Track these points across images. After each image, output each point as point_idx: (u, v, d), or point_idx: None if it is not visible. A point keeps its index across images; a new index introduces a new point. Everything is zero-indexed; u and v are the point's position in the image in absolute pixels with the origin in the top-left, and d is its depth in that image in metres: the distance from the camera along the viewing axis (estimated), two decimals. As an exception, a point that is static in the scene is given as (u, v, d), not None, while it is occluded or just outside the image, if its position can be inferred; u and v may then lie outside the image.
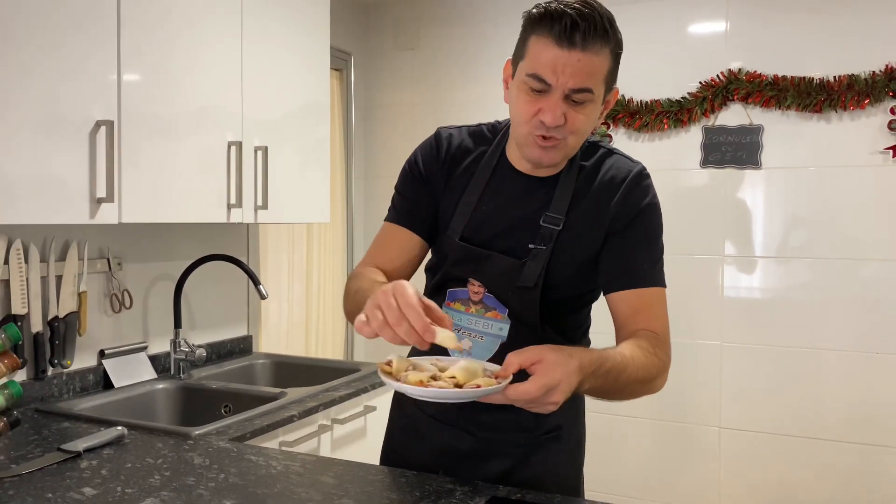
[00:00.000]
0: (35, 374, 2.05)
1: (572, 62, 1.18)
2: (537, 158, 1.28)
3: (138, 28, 1.90)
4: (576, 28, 1.16)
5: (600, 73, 1.21)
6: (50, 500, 1.33)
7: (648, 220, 1.37)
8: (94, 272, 2.22)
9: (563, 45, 1.17)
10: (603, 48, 1.20)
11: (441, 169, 1.43)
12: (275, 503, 1.31)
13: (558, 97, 1.20)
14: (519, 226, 1.35)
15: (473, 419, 1.42)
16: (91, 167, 1.79)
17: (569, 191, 1.34)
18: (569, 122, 1.22)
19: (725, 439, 2.99)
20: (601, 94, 1.24)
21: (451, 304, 1.42)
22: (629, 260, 1.35)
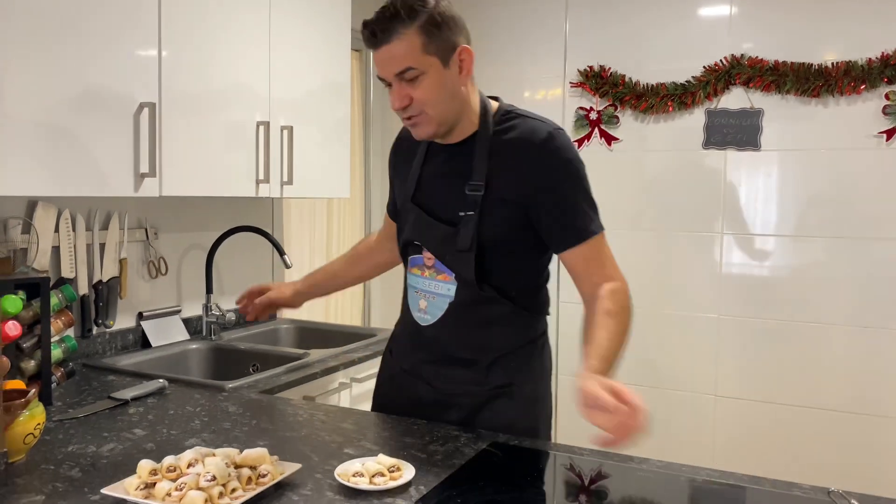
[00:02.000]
0: (82, 333, 2.24)
1: (383, 56, 1.42)
2: (416, 136, 1.51)
3: (178, 13, 2.06)
4: (373, 32, 1.40)
5: (413, 51, 1.39)
6: (106, 438, 1.52)
7: (573, 176, 1.49)
8: (134, 241, 2.41)
9: (373, 47, 1.42)
10: (403, 32, 1.38)
11: (397, 156, 1.74)
12: (302, 444, 1.50)
13: (395, 85, 1.43)
14: (451, 195, 1.53)
15: (434, 373, 1.63)
16: (135, 145, 1.96)
17: (484, 158, 1.49)
18: (415, 98, 1.42)
19: (721, 407, 3.15)
20: (431, 64, 1.41)
21: (412, 270, 1.64)
22: (568, 218, 1.49)
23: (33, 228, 2.05)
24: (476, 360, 1.59)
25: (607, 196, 3.33)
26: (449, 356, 1.60)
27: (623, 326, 1.50)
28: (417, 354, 1.66)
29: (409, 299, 1.65)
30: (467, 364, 1.60)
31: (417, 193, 1.61)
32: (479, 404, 1.61)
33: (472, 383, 1.61)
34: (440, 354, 1.61)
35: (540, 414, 1.67)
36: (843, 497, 1.11)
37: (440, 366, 1.62)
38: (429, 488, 1.27)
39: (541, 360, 1.67)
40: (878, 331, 2.89)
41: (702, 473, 1.40)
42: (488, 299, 1.54)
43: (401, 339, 1.73)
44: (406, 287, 1.68)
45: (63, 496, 1.23)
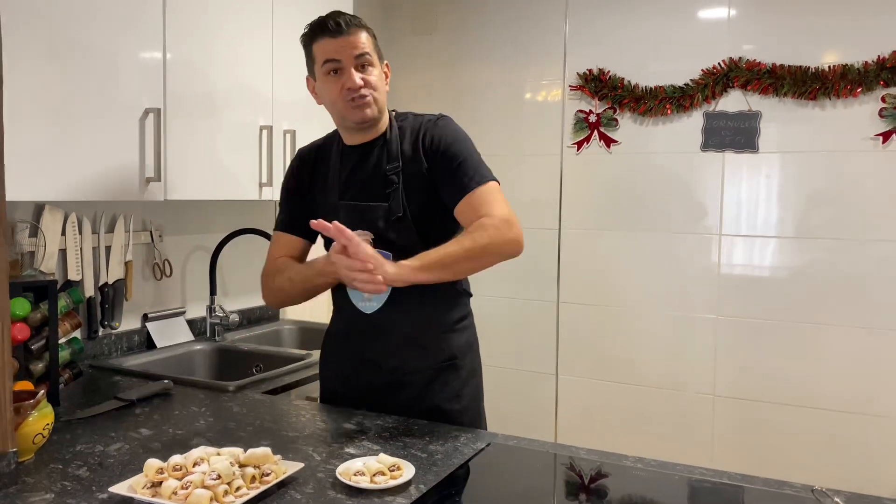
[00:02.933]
0: (88, 334, 2.28)
1: (347, 42, 1.65)
2: (360, 118, 1.69)
3: (181, 19, 2.10)
4: (338, 23, 1.65)
5: (370, 45, 1.69)
6: (113, 438, 1.56)
7: (458, 141, 1.71)
8: (139, 243, 2.44)
9: (336, 35, 1.65)
10: (360, 30, 1.68)
11: (305, 170, 1.85)
12: (305, 444, 1.53)
13: (350, 68, 1.66)
14: (375, 181, 1.72)
15: (385, 357, 1.75)
16: (140, 150, 2.00)
17: (396, 144, 1.73)
18: (367, 82, 1.67)
19: (719, 407, 3.18)
20: (377, 61, 1.71)
21: None
22: (454, 177, 1.68)
23: (40, 232, 2.08)
24: (422, 337, 1.75)
25: (606, 197, 3.39)
26: (397, 336, 1.74)
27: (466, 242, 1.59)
28: (367, 343, 1.75)
29: (349, 293, 1.75)
30: (415, 342, 1.75)
31: (344, 191, 1.76)
32: (428, 380, 1.75)
33: (421, 359, 1.75)
34: (389, 337, 1.74)
35: (479, 385, 1.87)
36: (827, 495, 1.14)
37: (390, 348, 1.74)
38: (429, 487, 1.30)
39: (474, 337, 1.87)
40: (875, 331, 2.91)
41: (696, 472, 1.43)
42: None
43: (347, 334, 1.81)
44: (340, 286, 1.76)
45: (72, 494, 1.27)
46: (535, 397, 3.52)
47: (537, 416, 3.51)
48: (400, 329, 1.73)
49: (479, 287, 2.23)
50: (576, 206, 3.41)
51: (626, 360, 3.35)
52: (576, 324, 3.44)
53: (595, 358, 3.40)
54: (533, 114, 3.49)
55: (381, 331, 1.74)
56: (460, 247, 1.58)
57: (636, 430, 3.33)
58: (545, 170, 3.47)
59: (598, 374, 3.40)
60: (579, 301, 3.41)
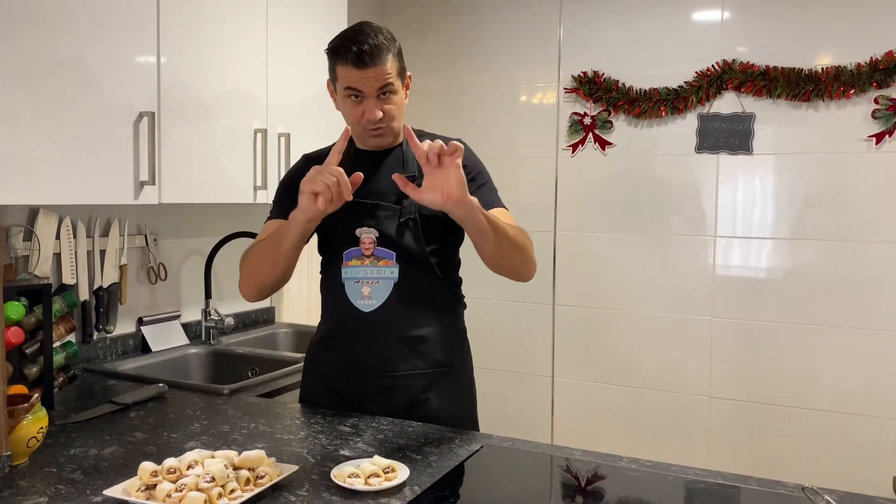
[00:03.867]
0: (83, 338, 2.28)
1: (371, 75, 1.61)
2: (375, 145, 1.74)
3: (176, 23, 2.10)
4: (363, 54, 1.59)
5: (393, 73, 1.64)
6: (108, 441, 1.56)
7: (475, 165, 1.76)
8: (133, 247, 2.44)
9: (361, 67, 1.60)
10: (386, 57, 1.62)
11: None
12: (299, 446, 1.53)
13: (373, 99, 1.64)
14: (388, 186, 1.69)
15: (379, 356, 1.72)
16: (135, 153, 2.00)
17: (411, 156, 1.73)
18: (386, 113, 1.66)
19: (715, 408, 3.19)
20: (400, 85, 1.68)
21: (347, 264, 1.73)
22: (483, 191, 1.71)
23: (35, 236, 2.08)
24: (420, 336, 1.73)
25: (601, 200, 3.40)
26: (394, 335, 1.71)
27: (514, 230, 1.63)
28: (362, 344, 1.72)
29: (347, 292, 1.72)
30: (412, 341, 1.72)
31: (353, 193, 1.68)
32: (423, 386, 1.73)
33: (416, 362, 1.72)
34: (386, 335, 1.71)
35: (475, 395, 1.88)
36: (817, 493, 1.15)
37: (385, 347, 1.71)
38: (423, 489, 1.30)
39: (468, 348, 1.88)
40: (869, 332, 2.92)
41: (690, 473, 1.43)
42: (427, 280, 1.72)
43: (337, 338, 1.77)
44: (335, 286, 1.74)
45: (66, 498, 1.26)
46: (531, 399, 3.52)
47: (533, 418, 3.51)
48: (396, 329, 1.71)
49: (475, 290, 2.24)
50: (571, 209, 3.42)
51: (622, 362, 3.35)
52: (571, 326, 3.44)
53: (591, 360, 3.41)
54: (528, 116, 3.50)
55: (377, 330, 1.71)
56: (512, 229, 1.61)
57: (632, 431, 3.33)
58: (540, 172, 3.47)
59: (594, 376, 3.41)
60: (575, 303, 3.42)
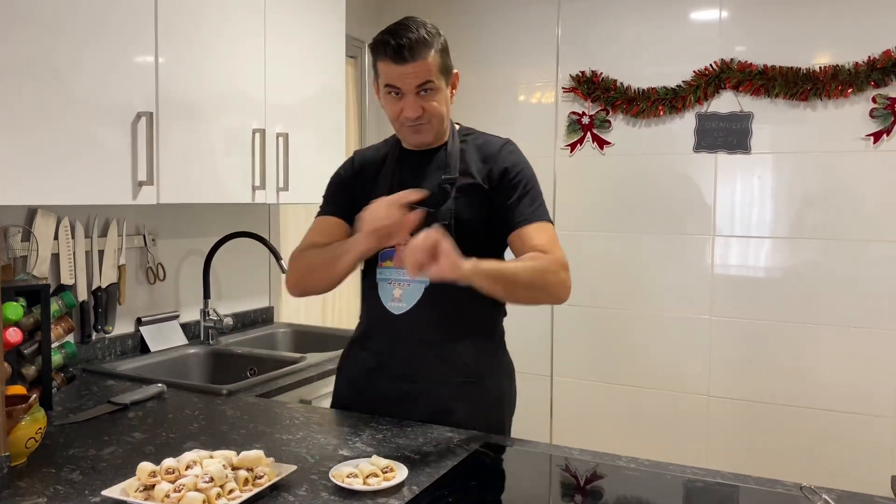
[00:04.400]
0: (81, 339, 2.27)
1: (410, 71, 1.58)
2: (416, 142, 1.71)
3: (174, 23, 2.10)
4: (402, 49, 1.56)
5: (434, 70, 1.60)
6: (107, 442, 1.56)
7: (524, 174, 1.70)
8: (132, 247, 2.44)
9: (399, 62, 1.57)
10: (427, 52, 1.58)
11: (356, 173, 1.80)
12: (298, 446, 1.53)
13: (412, 96, 1.61)
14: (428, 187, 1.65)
15: (406, 361, 1.69)
16: (133, 153, 2.00)
17: (456, 156, 1.71)
18: (426, 110, 1.63)
19: (714, 407, 3.19)
20: (442, 83, 1.64)
21: (383, 264, 1.71)
22: (516, 207, 1.67)
23: (33, 236, 2.08)
24: (449, 343, 1.68)
25: (600, 199, 3.40)
26: (423, 340, 1.68)
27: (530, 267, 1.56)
28: (391, 346, 1.70)
29: (379, 293, 1.71)
30: (440, 347, 1.68)
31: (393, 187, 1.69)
32: (449, 395, 1.68)
33: (442, 370, 1.68)
34: (416, 340, 1.68)
35: (506, 409, 1.79)
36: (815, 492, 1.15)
37: (413, 351, 1.68)
38: (421, 488, 1.30)
39: (506, 358, 1.81)
40: (869, 331, 2.93)
41: (688, 472, 1.43)
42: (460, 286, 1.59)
43: (370, 337, 1.76)
44: (371, 285, 1.73)
45: (64, 498, 1.26)
46: (530, 399, 3.52)
47: (532, 417, 3.51)
48: (424, 335, 1.67)
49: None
50: (569, 208, 3.42)
51: (621, 362, 3.36)
52: (570, 325, 3.45)
53: (589, 359, 3.41)
54: (526, 116, 3.50)
55: (405, 334, 1.68)
56: (525, 271, 1.54)
57: (631, 430, 3.34)
58: (538, 171, 3.42)
59: (593, 376, 3.41)
60: (573, 302, 3.39)
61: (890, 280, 2.89)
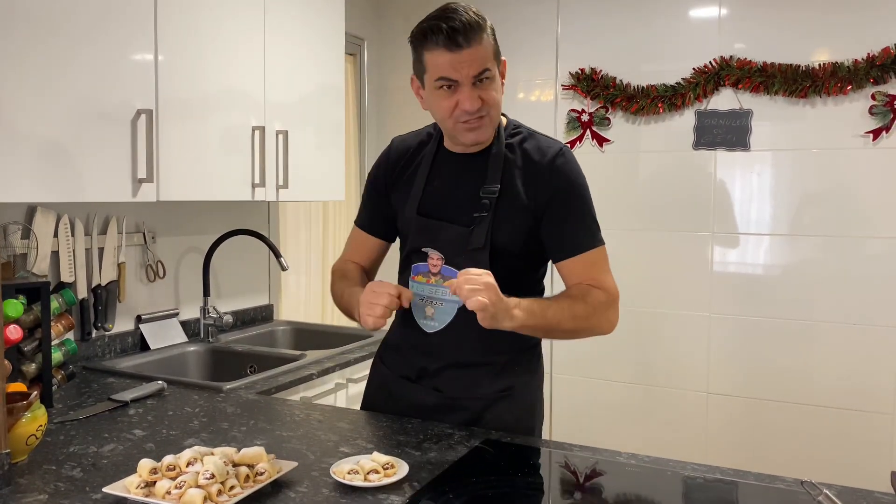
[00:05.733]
0: (81, 336, 2.27)
1: (466, 58, 1.44)
2: (473, 140, 1.54)
3: (173, 20, 2.09)
4: (456, 33, 1.42)
5: (489, 55, 1.47)
6: (107, 439, 1.56)
7: (581, 192, 1.58)
8: (132, 245, 2.44)
9: (454, 49, 1.43)
10: (481, 36, 1.45)
11: (390, 170, 1.70)
12: (298, 443, 1.53)
13: (468, 87, 1.46)
14: (464, 199, 1.57)
15: (441, 379, 1.64)
16: (132, 151, 2.00)
17: (499, 164, 1.56)
18: (485, 100, 1.48)
19: (713, 404, 3.19)
20: (496, 70, 1.51)
21: (415, 278, 1.64)
22: (568, 233, 1.56)
23: (33, 234, 2.08)
24: (484, 364, 1.62)
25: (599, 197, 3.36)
26: (457, 361, 1.61)
27: (574, 310, 1.51)
28: (422, 361, 1.64)
29: (412, 307, 1.62)
30: (475, 368, 1.62)
31: (425, 203, 1.62)
32: (481, 408, 1.63)
33: (479, 387, 1.63)
34: (448, 360, 1.61)
35: (536, 417, 1.71)
36: (816, 487, 1.15)
37: (448, 371, 1.62)
38: (422, 484, 1.31)
39: (538, 366, 1.72)
40: (868, 328, 2.93)
41: (688, 468, 1.43)
42: None
43: (400, 348, 1.71)
44: None
45: (65, 495, 1.26)
46: (530, 396, 3.52)
47: (532, 415, 3.51)
48: (460, 353, 1.60)
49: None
50: (569, 206, 3.41)
51: (620, 359, 3.36)
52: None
53: (588, 356, 3.41)
54: (526, 113, 3.44)
55: (441, 352, 1.61)
56: (570, 317, 1.49)
57: (630, 427, 3.34)
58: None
59: (592, 373, 3.41)
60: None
61: (889, 277, 2.89)
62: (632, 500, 1.37)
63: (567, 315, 1.49)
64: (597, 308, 1.53)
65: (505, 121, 1.63)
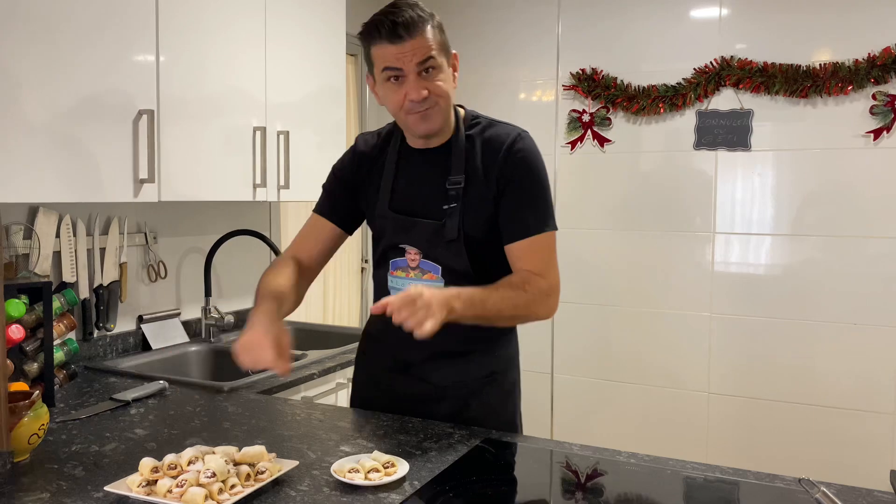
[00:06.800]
0: (83, 336, 2.28)
1: (409, 49, 1.47)
2: (424, 130, 1.57)
3: (175, 21, 2.10)
4: (397, 26, 1.46)
5: (434, 46, 1.50)
6: (108, 439, 1.56)
7: (531, 178, 1.60)
8: (133, 245, 2.44)
9: (396, 41, 1.47)
10: (424, 29, 1.49)
11: (356, 168, 1.73)
12: (299, 442, 1.53)
13: (414, 77, 1.49)
14: (432, 193, 1.61)
15: (426, 368, 1.68)
16: (134, 151, 2.00)
17: (461, 156, 1.60)
18: (431, 90, 1.51)
19: (714, 404, 3.19)
20: (444, 61, 1.54)
21: (394, 273, 1.68)
22: (518, 216, 1.58)
23: (35, 234, 2.08)
24: (466, 352, 1.67)
25: (600, 197, 3.40)
26: (441, 350, 1.64)
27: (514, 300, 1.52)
28: (407, 353, 1.67)
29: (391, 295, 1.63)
30: (458, 356, 1.67)
31: (395, 200, 1.65)
32: (468, 394, 1.68)
33: (464, 374, 1.68)
34: (432, 350, 1.62)
35: (517, 399, 1.79)
36: (814, 484, 1.15)
37: (433, 361, 1.67)
38: (423, 483, 1.31)
39: (515, 350, 1.80)
40: (868, 327, 2.93)
41: (688, 467, 1.44)
42: None
43: (383, 339, 1.73)
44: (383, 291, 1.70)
45: (67, 494, 1.27)
46: (531, 396, 3.50)
47: (533, 414, 3.51)
48: (443, 342, 1.54)
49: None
50: (570, 206, 3.42)
51: (621, 359, 3.36)
52: (570, 323, 3.45)
53: (590, 356, 3.42)
54: (527, 114, 3.50)
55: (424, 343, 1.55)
56: (509, 306, 1.51)
57: (631, 427, 3.34)
58: (539, 169, 3.47)
59: (593, 373, 3.42)
60: (574, 300, 3.42)
61: (890, 277, 2.89)
62: (632, 499, 1.37)
63: (507, 304, 1.51)
64: (536, 296, 1.55)
65: (463, 112, 1.67)
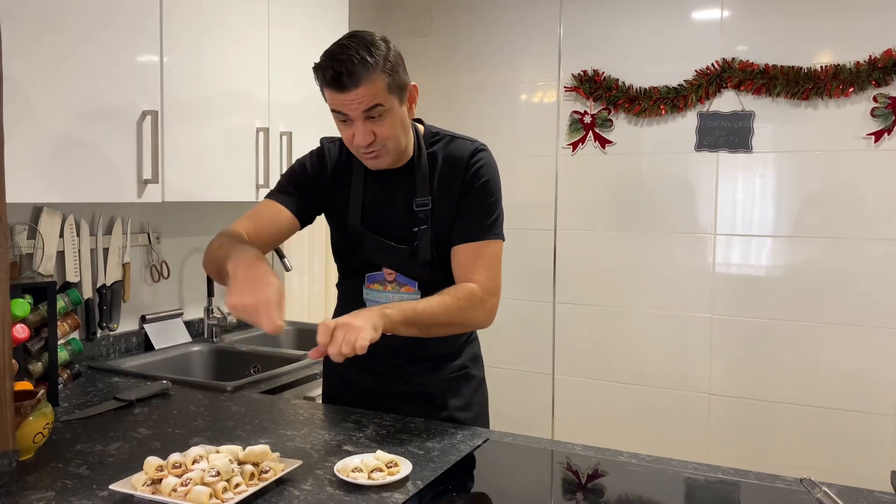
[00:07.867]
0: (86, 336, 2.29)
1: (353, 98, 1.46)
2: (374, 167, 1.60)
3: (179, 22, 2.11)
4: (341, 76, 1.44)
5: (380, 92, 1.47)
6: (113, 437, 1.57)
7: (483, 190, 1.63)
8: (136, 245, 2.45)
9: (339, 89, 1.46)
10: (370, 75, 1.45)
11: (324, 173, 1.72)
12: (303, 442, 1.54)
13: (359, 123, 1.50)
14: (400, 214, 1.65)
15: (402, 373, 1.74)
16: (138, 152, 2.01)
17: (424, 176, 1.64)
18: (378, 134, 1.52)
19: (715, 405, 3.20)
20: (394, 103, 1.52)
21: (370, 286, 1.71)
22: (463, 223, 1.63)
23: (38, 234, 2.09)
24: (441, 356, 1.75)
25: (602, 198, 3.40)
26: (417, 356, 1.72)
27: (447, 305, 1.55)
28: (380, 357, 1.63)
29: (364, 296, 1.72)
30: (434, 360, 1.75)
31: (366, 217, 1.67)
32: (442, 390, 1.75)
33: (435, 372, 1.75)
34: (408, 357, 1.72)
35: (486, 393, 1.87)
36: (815, 484, 1.16)
37: (407, 363, 1.73)
38: (425, 483, 1.32)
39: (479, 348, 1.87)
40: (869, 329, 2.94)
41: (689, 468, 1.44)
42: None
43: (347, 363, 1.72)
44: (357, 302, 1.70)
45: (72, 492, 1.28)
46: (532, 397, 3.53)
47: (534, 415, 3.52)
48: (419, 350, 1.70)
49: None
50: (571, 207, 3.43)
51: (622, 360, 3.37)
52: (572, 324, 3.46)
53: (591, 357, 3.42)
54: (528, 115, 3.51)
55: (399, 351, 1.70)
56: (443, 313, 1.54)
57: (632, 428, 3.35)
58: (540, 171, 3.49)
59: (595, 374, 3.42)
60: (575, 301, 3.43)
61: (891, 278, 2.90)
62: (633, 499, 1.38)
63: (440, 309, 1.53)
64: (470, 301, 1.58)
65: (423, 128, 1.69)
